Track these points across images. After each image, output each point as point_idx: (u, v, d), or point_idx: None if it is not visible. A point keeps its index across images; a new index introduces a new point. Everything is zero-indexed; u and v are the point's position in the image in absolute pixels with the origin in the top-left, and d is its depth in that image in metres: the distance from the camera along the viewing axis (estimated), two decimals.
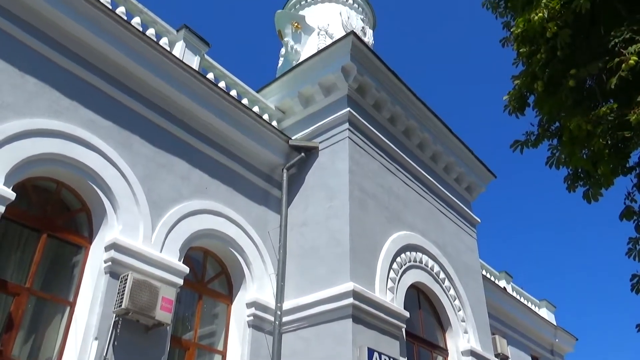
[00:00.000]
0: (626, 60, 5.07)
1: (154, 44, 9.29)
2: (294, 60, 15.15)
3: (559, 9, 5.58)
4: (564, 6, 5.57)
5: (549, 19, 5.60)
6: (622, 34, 5.33)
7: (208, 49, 11.10)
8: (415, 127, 12.66)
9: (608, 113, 5.31)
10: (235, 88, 11.54)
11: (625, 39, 5.28)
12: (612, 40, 5.36)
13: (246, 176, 10.66)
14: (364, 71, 11.43)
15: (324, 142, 11.15)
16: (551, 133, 6.44)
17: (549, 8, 5.57)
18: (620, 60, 5.15)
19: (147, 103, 9.20)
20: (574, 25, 5.70)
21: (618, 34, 5.35)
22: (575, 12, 5.50)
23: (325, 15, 16.61)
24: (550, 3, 5.57)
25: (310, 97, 11.83)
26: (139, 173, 8.63)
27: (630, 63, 5.02)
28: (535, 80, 6.18)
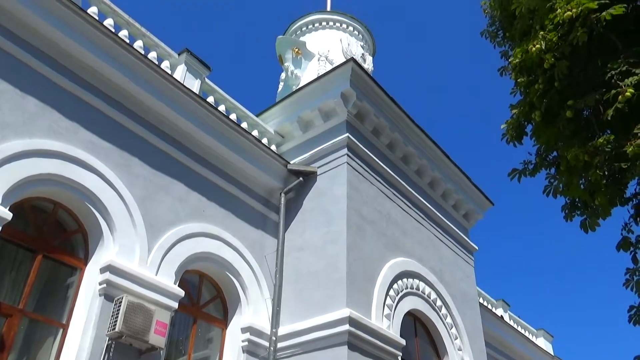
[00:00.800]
0: (623, 92, 5.14)
1: (155, 67, 9.38)
2: (294, 85, 15.28)
3: (557, 41, 5.67)
4: (561, 38, 5.66)
5: (547, 51, 5.69)
6: (618, 66, 5.41)
7: (209, 73, 11.20)
8: (413, 154, 12.71)
9: (605, 144, 5.35)
10: (235, 112, 11.61)
11: (621, 71, 5.36)
12: (608, 72, 5.44)
13: (244, 199, 10.65)
14: (363, 97, 11.52)
15: (323, 167, 11.18)
16: (549, 162, 6.49)
17: (547, 40, 5.66)
18: (617, 92, 5.21)
19: (147, 125, 9.24)
20: (571, 57, 5.80)
21: (614, 66, 5.44)
22: (572, 44, 5.59)
23: (326, 41, 16.81)
24: (548, 35, 5.67)
25: (310, 122, 11.90)
26: (136, 195, 8.62)
27: (627, 95, 5.09)
28: (533, 109, 6.25)
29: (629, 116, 5.44)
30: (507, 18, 7.87)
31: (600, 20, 5.37)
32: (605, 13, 5.33)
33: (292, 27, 17.97)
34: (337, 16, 17.79)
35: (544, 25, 5.93)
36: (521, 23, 6.83)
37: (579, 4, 5.38)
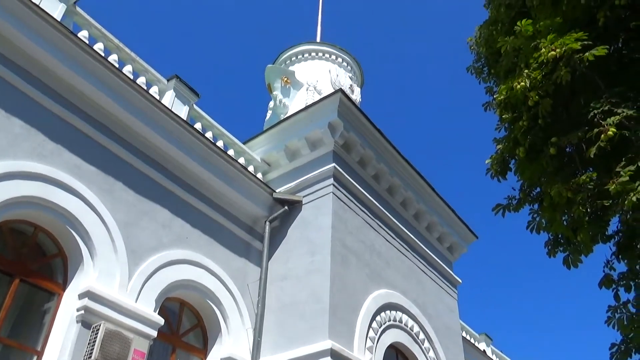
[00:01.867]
0: (605, 131, 5.24)
1: (143, 92, 9.38)
2: (282, 113, 15.36)
3: (541, 79, 5.79)
4: (545, 77, 5.78)
5: (531, 88, 5.80)
6: (601, 106, 5.53)
7: (197, 99, 11.22)
8: (399, 185, 12.76)
9: (588, 182, 5.43)
10: (222, 139, 11.61)
11: (604, 111, 5.48)
12: (591, 111, 5.56)
13: (228, 227, 10.57)
14: (350, 128, 11.60)
15: (308, 197, 11.16)
16: (532, 198, 6.55)
17: (531, 78, 5.78)
18: (600, 131, 5.32)
19: (133, 150, 9.20)
20: (555, 95, 5.92)
21: (597, 106, 5.55)
22: (556, 83, 5.71)
23: (315, 71, 16.98)
24: (532, 73, 5.79)
25: (297, 151, 11.93)
26: (119, 219, 8.52)
27: (609, 134, 5.18)
28: (517, 145, 6.34)
29: (611, 155, 5.54)
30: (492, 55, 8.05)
31: (583, 61, 5.51)
32: (588, 54, 5.46)
33: (282, 56, 18.15)
34: (326, 47, 18.01)
35: (528, 63, 6.07)
36: (506, 60, 6.99)
37: (563, 45, 5.52)
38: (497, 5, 7.88)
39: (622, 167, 5.19)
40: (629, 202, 4.95)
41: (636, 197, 4.90)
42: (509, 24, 7.52)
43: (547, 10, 6.59)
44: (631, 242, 6.00)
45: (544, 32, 6.02)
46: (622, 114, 5.26)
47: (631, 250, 5.98)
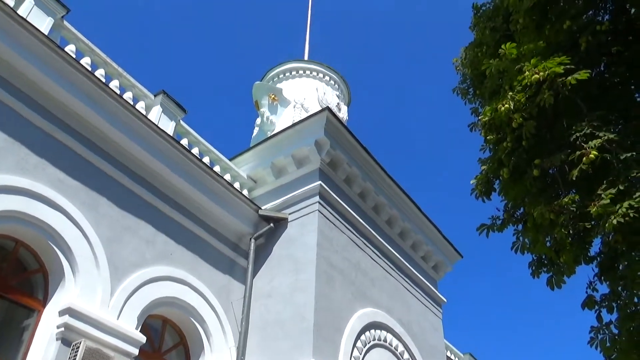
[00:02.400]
0: (587, 154, 5.32)
1: (130, 107, 9.36)
2: (269, 130, 15.39)
3: (524, 102, 5.88)
4: (529, 99, 5.87)
5: (515, 111, 5.89)
6: (582, 129, 5.62)
7: (184, 115, 11.21)
8: (384, 204, 12.80)
9: (570, 203, 5.49)
10: (208, 155, 11.59)
11: (586, 134, 5.57)
12: (573, 134, 5.65)
13: (213, 244, 10.51)
14: (336, 146, 11.65)
15: (294, 214, 11.15)
16: (516, 219, 6.61)
17: (515, 100, 5.86)
18: (582, 154, 5.40)
19: (117, 165, 9.15)
20: (538, 118, 6.01)
21: (579, 129, 5.65)
22: (539, 105, 5.80)
23: (302, 89, 17.07)
24: (516, 96, 5.88)
25: (283, 168, 11.94)
26: (102, 235, 8.44)
27: (591, 157, 5.27)
28: (501, 166, 6.41)
29: (593, 177, 5.62)
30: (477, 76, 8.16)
31: (565, 84, 5.61)
32: (571, 78, 5.57)
33: (270, 73, 18.24)
34: (314, 65, 18.14)
35: (512, 86, 6.16)
36: (491, 82, 7.09)
37: (546, 68, 5.62)
38: (482, 28, 8.02)
39: (604, 189, 5.26)
40: (610, 225, 5.01)
41: (617, 219, 4.97)
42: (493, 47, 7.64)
43: (531, 34, 6.72)
44: (613, 264, 6.07)
45: (527, 56, 6.13)
46: (604, 137, 5.35)
47: (613, 271, 6.04)
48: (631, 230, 5.26)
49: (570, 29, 6.38)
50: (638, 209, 4.97)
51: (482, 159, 7.01)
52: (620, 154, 5.32)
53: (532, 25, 6.69)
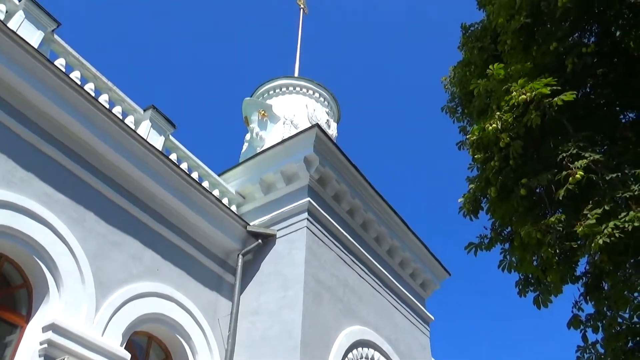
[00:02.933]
0: (573, 174, 5.39)
1: (119, 122, 9.33)
2: (258, 146, 15.40)
3: (512, 122, 5.96)
4: (516, 119, 5.95)
5: (502, 130, 5.96)
6: (569, 149, 5.70)
7: (174, 130, 11.20)
8: (373, 221, 12.81)
9: (557, 223, 5.54)
10: (197, 170, 11.57)
11: (572, 154, 5.65)
12: (560, 154, 5.72)
13: (200, 259, 10.44)
14: (325, 163, 11.68)
15: (282, 230, 11.12)
16: (503, 238, 6.66)
17: (502, 120, 5.94)
18: (568, 174, 5.47)
19: (106, 179, 9.09)
20: (525, 138, 6.09)
21: (566, 149, 5.72)
22: (526, 125, 5.88)
23: (292, 106, 17.13)
24: (504, 115, 5.96)
25: (272, 184, 11.94)
26: (88, 250, 8.35)
27: (577, 177, 5.34)
28: (488, 185, 6.47)
29: (579, 197, 5.68)
30: (466, 95, 8.27)
31: (552, 105, 5.71)
32: (557, 99, 5.66)
33: (260, 89, 18.30)
34: (304, 82, 18.24)
35: (500, 105, 6.25)
36: (479, 101, 7.18)
37: (533, 89, 5.71)
38: (470, 48, 8.15)
39: (590, 209, 5.32)
40: (596, 245, 5.06)
41: (603, 239, 5.02)
42: (482, 66, 7.76)
43: (518, 55, 6.84)
44: (598, 284, 6.12)
45: (515, 76, 6.23)
46: (590, 158, 5.43)
47: (598, 291, 6.09)
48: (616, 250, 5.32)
49: (557, 50, 6.51)
50: (623, 229, 5.03)
51: (470, 178, 7.07)
52: (606, 175, 5.39)
53: (520, 46, 6.81)
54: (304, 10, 23.44)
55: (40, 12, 8.98)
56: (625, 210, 5.24)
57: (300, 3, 23.56)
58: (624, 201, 5.40)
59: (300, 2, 23.58)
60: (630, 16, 6.76)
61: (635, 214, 5.04)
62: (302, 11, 23.28)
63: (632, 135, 6.38)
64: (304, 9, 23.47)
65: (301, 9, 23.35)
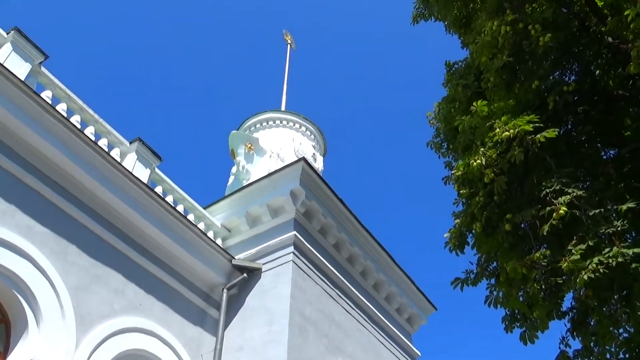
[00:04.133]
0: (557, 210, 5.45)
1: (104, 154, 9.29)
2: (244, 179, 15.40)
3: (496, 158, 6.04)
4: (500, 155, 6.04)
5: (487, 166, 6.04)
6: (552, 185, 5.77)
7: (160, 163, 11.18)
8: (359, 255, 12.78)
9: (541, 258, 5.57)
10: (182, 203, 11.51)
11: (555, 190, 5.71)
12: (543, 190, 5.79)
13: (184, 294, 10.30)
14: (312, 196, 11.69)
15: (268, 264, 11.04)
16: (489, 273, 6.66)
17: (487, 156, 6.02)
18: (552, 210, 5.52)
19: (89, 212, 9.00)
20: (509, 173, 6.16)
21: (549, 185, 5.80)
22: (510, 161, 5.96)
23: (278, 139, 17.23)
24: (488, 152, 6.04)
25: (258, 217, 11.90)
26: (70, 284, 8.20)
27: (561, 213, 5.39)
28: (474, 220, 6.51)
29: (563, 232, 5.73)
30: (450, 131, 8.38)
31: (535, 142, 5.80)
32: (540, 135, 5.77)
33: (247, 123, 18.40)
34: (290, 116, 18.39)
35: (484, 142, 6.35)
36: (463, 138, 7.28)
37: (516, 126, 5.82)
38: (454, 85, 8.30)
39: (574, 245, 5.36)
40: (581, 280, 5.09)
41: (587, 275, 5.05)
42: (466, 103, 7.90)
43: (501, 92, 6.98)
44: (585, 319, 6.12)
45: (498, 113, 6.35)
46: (573, 193, 5.50)
47: (585, 327, 6.09)
48: (601, 285, 5.35)
49: (539, 88, 6.66)
50: (607, 265, 5.07)
51: (456, 213, 7.11)
52: (589, 211, 5.45)
53: (502, 83, 6.96)
54: (291, 46, 23.82)
55: (27, 44, 9.02)
56: (608, 245, 5.28)
57: (288, 39, 23.95)
58: (607, 237, 5.45)
59: (288, 38, 23.98)
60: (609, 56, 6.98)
61: (619, 250, 5.09)
62: (289, 46, 23.65)
63: (614, 172, 6.49)
64: (291, 44, 23.86)
65: (288, 45, 23.73)
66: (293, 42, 24.06)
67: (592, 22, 7.06)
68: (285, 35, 24.18)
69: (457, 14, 8.83)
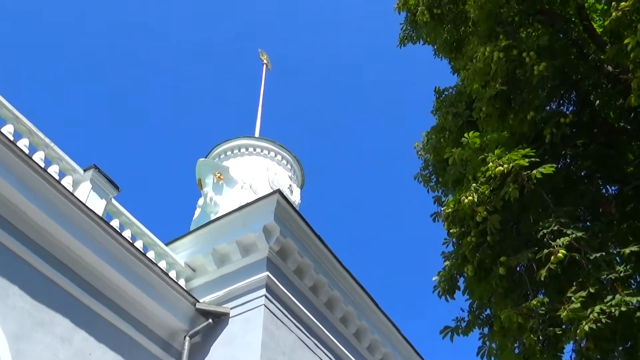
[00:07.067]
0: (555, 252, 5.51)
1: (54, 182, 9.16)
2: (212, 213, 15.32)
3: (489, 194, 6.11)
4: (494, 192, 6.12)
5: (479, 203, 6.11)
6: (550, 225, 5.85)
7: (117, 193, 11.08)
8: (339, 299, 12.70)
9: (539, 306, 5.61)
10: (141, 238, 11.38)
11: (553, 231, 5.78)
12: (540, 230, 5.86)
13: (140, 342, 10.09)
14: (287, 233, 11.66)
15: (237, 309, 10.91)
16: (482, 321, 6.67)
17: (479, 192, 6.09)
18: (550, 252, 5.58)
19: (35, 248, 8.83)
20: (504, 211, 6.23)
21: (546, 225, 5.87)
22: (504, 198, 6.03)
23: (251, 168, 17.24)
24: (480, 187, 6.11)
25: (226, 255, 11.81)
26: (9, 331, 7.98)
27: (559, 256, 5.45)
28: (465, 262, 6.54)
29: (562, 277, 5.79)
30: (440, 163, 8.50)
31: (531, 178, 5.89)
32: (536, 171, 5.87)
33: (216, 150, 18.41)
34: (265, 143, 18.46)
35: (476, 176, 6.44)
36: (454, 171, 7.38)
37: (510, 160, 5.92)
38: (444, 113, 8.45)
39: (574, 292, 5.41)
40: (582, 331, 5.12)
41: (588, 325, 5.08)
42: (456, 133, 8.04)
43: (494, 123, 7.12)
44: None
45: (491, 146, 6.46)
46: (572, 235, 5.58)
47: None
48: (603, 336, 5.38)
49: (534, 119, 6.81)
50: (610, 314, 5.11)
51: (446, 254, 7.14)
52: (590, 254, 5.52)
53: (496, 113, 7.10)
54: (267, 66, 24.04)
55: None
56: (611, 292, 5.35)
57: (263, 58, 24.18)
58: (609, 283, 5.52)
59: (263, 58, 24.21)
60: (609, 86, 7.18)
61: (622, 298, 5.15)
62: (264, 67, 23.87)
63: (615, 211, 6.61)
64: (267, 65, 24.08)
65: (264, 65, 23.95)
66: (269, 62, 24.31)
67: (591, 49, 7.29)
68: (260, 54, 24.43)
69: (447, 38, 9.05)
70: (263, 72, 23.61)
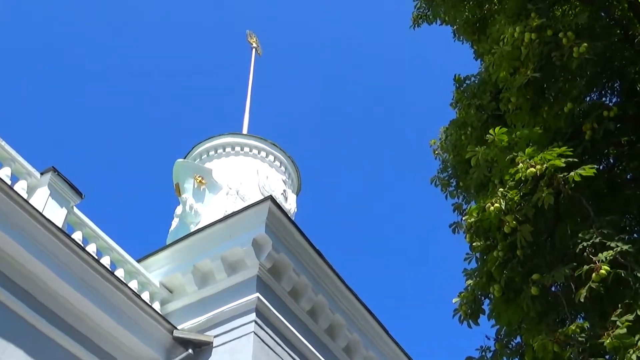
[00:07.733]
0: (597, 269, 5.51)
1: (5, 188, 9.19)
2: (193, 224, 15.33)
3: (518, 201, 6.11)
4: (524, 198, 6.12)
5: (507, 212, 6.10)
6: (591, 237, 5.85)
7: (80, 201, 11.10)
8: (342, 325, 12.72)
9: (578, 332, 5.61)
10: (108, 254, 11.40)
11: (594, 244, 5.78)
12: (580, 244, 5.85)
13: None
14: (281, 247, 11.67)
15: (221, 337, 10.93)
16: (511, 351, 6.68)
17: (507, 199, 6.09)
18: (590, 269, 5.57)
19: None
20: (536, 221, 6.23)
21: (587, 237, 5.87)
22: (536, 205, 6.03)
23: (239, 171, 17.26)
24: (508, 193, 6.11)
25: (209, 274, 11.83)
26: None
27: (602, 273, 5.45)
28: (491, 282, 6.54)
29: (605, 298, 5.79)
30: (460, 164, 8.49)
31: (568, 181, 5.89)
32: (574, 173, 5.86)
33: (197, 149, 18.42)
34: (254, 141, 18.46)
35: (504, 180, 6.43)
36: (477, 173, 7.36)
37: (544, 161, 5.91)
38: (465, 105, 8.45)
39: (619, 315, 5.41)
40: None
41: (636, 354, 5.08)
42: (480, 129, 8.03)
43: (525, 117, 7.13)
44: None
45: (521, 144, 6.45)
46: (616, 249, 5.57)
47: None
48: None
49: (572, 113, 6.80)
50: None
51: (468, 271, 7.14)
52: (637, 271, 5.53)
53: (527, 105, 7.11)
54: (257, 51, 24.01)
55: None
56: None
57: (252, 41, 24.12)
58: None
59: (252, 41, 24.15)
60: None
61: None
62: (254, 51, 23.84)
63: None
64: (257, 49, 24.05)
65: (253, 49, 23.92)
66: (259, 47, 24.29)
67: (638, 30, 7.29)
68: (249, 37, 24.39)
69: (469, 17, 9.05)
70: (252, 58, 23.64)
